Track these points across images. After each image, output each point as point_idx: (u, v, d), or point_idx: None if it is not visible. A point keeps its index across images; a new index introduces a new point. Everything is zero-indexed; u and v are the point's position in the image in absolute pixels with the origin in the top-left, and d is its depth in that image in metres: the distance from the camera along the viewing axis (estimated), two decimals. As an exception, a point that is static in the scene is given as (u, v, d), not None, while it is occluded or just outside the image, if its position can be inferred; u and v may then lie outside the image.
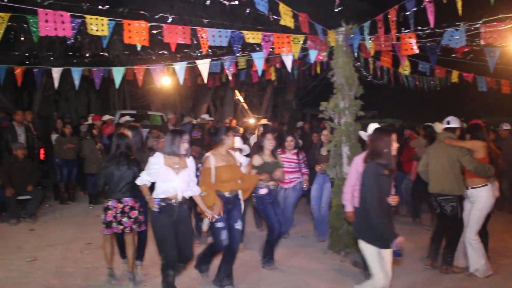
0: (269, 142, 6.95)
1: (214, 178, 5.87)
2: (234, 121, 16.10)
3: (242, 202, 6.24)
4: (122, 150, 6.08)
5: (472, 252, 6.59)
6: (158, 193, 5.48)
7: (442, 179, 6.71)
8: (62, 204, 11.47)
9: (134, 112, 17.41)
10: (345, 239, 7.46)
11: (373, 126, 5.98)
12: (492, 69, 7.98)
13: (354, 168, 6.14)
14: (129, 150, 6.17)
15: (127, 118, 13.11)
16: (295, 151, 8.34)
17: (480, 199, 6.53)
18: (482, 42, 6.69)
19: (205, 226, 6.01)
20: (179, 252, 5.52)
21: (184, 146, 5.53)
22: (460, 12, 5.58)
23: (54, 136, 11.93)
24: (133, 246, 6.25)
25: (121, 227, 6.03)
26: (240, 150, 7.17)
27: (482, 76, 10.31)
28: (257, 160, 6.96)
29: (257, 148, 7.10)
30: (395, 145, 4.71)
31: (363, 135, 6.34)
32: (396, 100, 28.22)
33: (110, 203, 6.04)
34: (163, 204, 5.45)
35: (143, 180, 5.59)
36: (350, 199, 6.20)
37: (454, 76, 10.26)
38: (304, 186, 8.29)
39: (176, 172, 5.48)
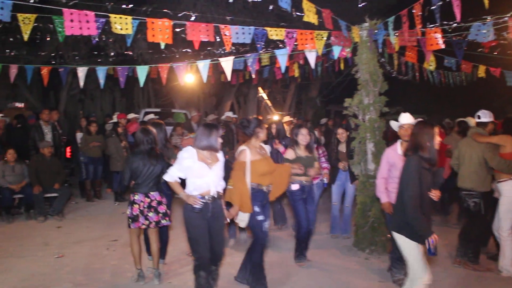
0: (303, 138, 6.80)
1: (250, 172, 5.66)
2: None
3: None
4: (149, 145, 6.09)
5: (508, 251, 6.46)
6: (191, 190, 5.22)
7: (467, 174, 6.68)
8: (88, 201, 11.63)
9: (158, 110, 17.52)
10: (369, 237, 7.40)
11: (405, 117, 5.95)
12: (520, 63, 7.84)
13: (385, 160, 6.15)
14: (155, 145, 6.20)
15: (152, 116, 13.19)
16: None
17: (504, 193, 6.45)
18: (510, 36, 6.56)
19: (242, 222, 5.69)
20: (210, 251, 5.28)
21: (220, 139, 5.30)
22: (486, 5, 5.46)
23: (79, 135, 12.10)
24: (158, 242, 6.25)
25: (147, 222, 6.01)
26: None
27: (510, 71, 10.12)
28: (290, 153, 6.86)
29: (292, 142, 7.00)
30: (437, 139, 4.58)
31: (395, 125, 6.22)
32: (421, 96, 27.87)
33: (137, 197, 6.02)
34: (203, 201, 5.17)
35: (173, 176, 5.27)
36: (384, 190, 6.16)
37: (481, 71, 10.07)
38: (325, 180, 8.04)
39: (209, 166, 5.22)
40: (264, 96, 24.06)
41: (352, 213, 8.18)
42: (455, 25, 7.05)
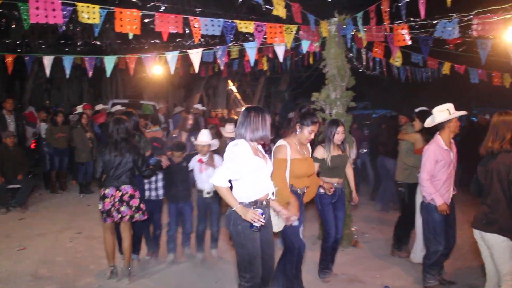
0: (338, 137, 5.98)
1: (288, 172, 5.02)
2: (225, 112, 16.12)
3: None
4: (121, 136, 5.86)
5: (418, 236, 6.76)
6: (250, 196, 4.24)
7: (398, 165, 7.22)
8: (52, 193, 11.46)
9: (126, 101, 17.33)
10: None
11: (439, 113, 5.59)
12: (484, 61, 8.00)
13: (433, 158, 5.49)
14: (129, 135, 5.96)
15: (119, 107, 13.06)
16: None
17: None
18: (474, 34, 6.69)
19: (277, 227, 4.79)
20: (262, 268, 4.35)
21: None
22: (449, 3, 5.56)
23: (43, 125, 11.89)
24: (130, 239, 6.05)
25: (120, 216, 5.82)
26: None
27: (474, 68, 10.33)
28: (320, 152, 6.02)
29: (326, 140, 6.12)
30: None
31: (441, 117, 5.58)
32: (389, 91, 28.25)
33: (108, 190, 5.83)
34: (260, 210, 4.16)
35: (222, 179, 4.14)
36: (436, 191, 5.50)
37: (446, 68, 10.27)
38: None
39: (266, 162, 4.40)
40: (234, 89, 24.08)
41: None
42: (421, 22, 7.15)
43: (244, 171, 4.16)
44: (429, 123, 5.76)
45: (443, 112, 5.53)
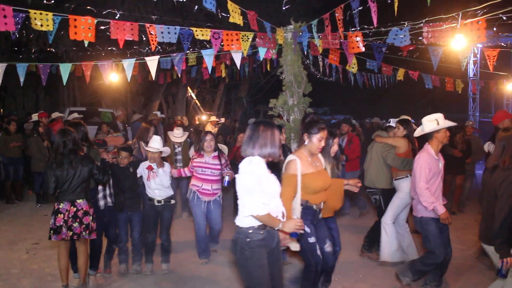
0: (334, 149, 5.54)
1: (300, 188, 4.68)
2: (185, 119, 16.09)
3: None
4: (70, 147, 5.54)
5: (385, 237, 6.87)
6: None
7: (369, 172, 7.18)
8: (8, 203, 11.16)
9: (84, 109, 17.11)
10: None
11: (428, 123, 5.57)
12: (436, 67, 8.26)
13: (427, 167, 5.41)
14: (77, 146, 5.67)
15: (76, 115, 12.87)
16: (215, 154, 6.94)
17: (401, 189, 6.79)
18: (425, 41, 6.91)
19: (293, 245, 4.55)
20: None
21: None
22: (395, 12, 5.73)
23: (-5, 134, 11.57)
24: (86, 255, 5.76)
25: (71, 233, 5.47)
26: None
27: (428, 74, 10.65)
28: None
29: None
30: None
31: (430, 127, 5.59)
32: (347, 97, 28.74)
33: (62, 205, 5.48)
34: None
35: (262, 206, 3.77)
36: (435, 199, 5.41)
37: (400, 74, 10.55)
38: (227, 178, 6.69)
39: (276, 179, 4.08)
40: (193, 95, 24.05)
41: None
42: (374, 29, 7.34)
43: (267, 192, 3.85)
44: (418, 132, 5.83)
45: (432, 122, 5.58)
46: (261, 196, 3.74)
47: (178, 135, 8.45)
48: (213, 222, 7.05)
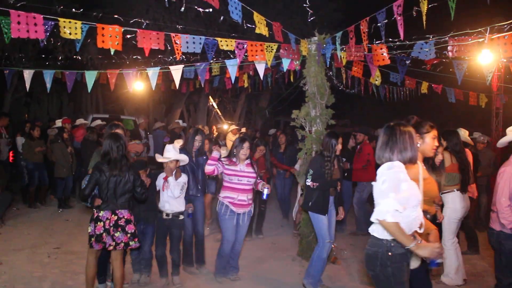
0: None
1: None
2: (206, 128, 16.14)
3: None
4: (121, 153, 5.36)
5: (446, 259, 6.61)
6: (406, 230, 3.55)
7: None
8: (30, 207, 11.30)
9: (107, 116, 17.26)
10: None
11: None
12: (460, 81, 8.19)
13: (508, 184, 5.09)
14: (127, 152, 5.54)
15: (99, 122, 13.02)
16: (248, 161, 6.67)
17: (446, 204, 6.59)
18: (450, 55, 6.87)
19: (413, 263, 3.94)
20: None
21: None
22: (424, 25, 5.69)
23: (19, 139, 11.73)
24: (122, 267, 5.56)
25: (114, 243, 5.29)
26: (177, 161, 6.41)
27: (451, 88, 10.57)
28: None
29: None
30: None
31: (503, 142, 5.53)
32: (368, 109, 28.58)
33: (102, 213, 5.30)
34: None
35: (394, 215, 3.44)
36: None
37: (424, 87, 10.49)
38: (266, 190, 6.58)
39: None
40: (214, 105, 24.16)
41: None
42: (399, 42, 7.32)
43: (406, 200, 3.54)
44: (502, 142, 5.62)
45: None
46: (395, 202, 3.43)
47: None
48: (241, 235, 6.67)
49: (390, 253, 3.53)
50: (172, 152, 6.32)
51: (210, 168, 6.41)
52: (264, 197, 6.64)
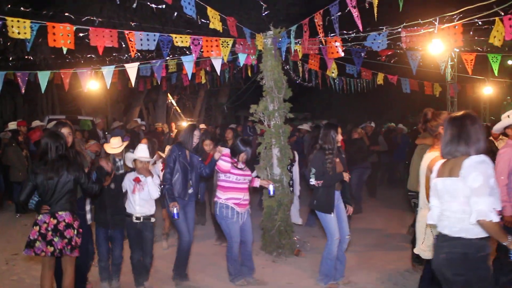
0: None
1: None
2: (166, 126, 16.08)
3: None
4: (60, 153, 4.98)
5: None
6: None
7: (411, 175, 6.73)
8: (-14, 214, 11.02)
9: (63, 117, 16.94)
10: (276, 240, 7.56)
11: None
12: (415, 71, 8.35)
13: (508, 164, 5.15)
14: (67, 151, 5.12)
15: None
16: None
17: None
18: (403, 46, 6.99)
19: None
20: None
21: None
22: (376, 17, 5.75)
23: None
24: (72, 276, 5.13)
25: (51, 248, 4.86)
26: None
27: (406, 78, 10.78)
28: None
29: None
30: None
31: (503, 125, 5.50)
32: (328, 102, 28.91)
33: (41, 217, 4.92)
34: None
35: (493, 211, 3.28)
36: (509, 199, 5.10)
37: (380, 78, 10.66)
38: (272, 187, 6.62)
39: None
40: (174, 102, 24.00)
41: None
42: (353, 34, 7.40)
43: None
44: (498, 128, 5.68)
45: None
46: (494, 200, 3.27)
47: (115, 145, 6.59)
48: (248, 234, 6.42)
49: (481, 254, 3.37)
50: (145, 152, 6.04)
51: (228, 166, 6.13)
52: (271, 193, 6.52)
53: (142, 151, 6.04)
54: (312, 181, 5.97)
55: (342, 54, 7.08)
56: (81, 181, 5.10)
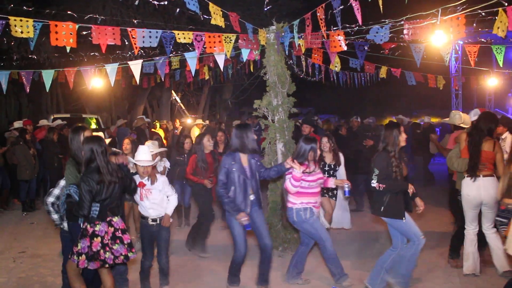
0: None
1: None
2: (170, 123, 16.06)
3: None
4: (106, 158, 4.74)
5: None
6: None
7: (458, 175, 6.56)
8: (-7, 212, 11.07)
9: (68, 115, 17.02)
10: (282, 235, 7.56)
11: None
12: (419, 63, 8.31)
13: None
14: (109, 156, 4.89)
15: (60, 122, 12.79)
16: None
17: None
18: (406, 38, 6.97)
19: None
20: None
21: None
22: (381, 9, 5.73)
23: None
24: (113, 284, 4.98)
25: (112, 256, 4.69)
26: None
27: (410, 71, 10.74)
28: None
29: None
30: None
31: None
32: (332, 96, 28.85)
33: (99, 227, 4.67)
34: None
35: None
36: None
37: (383, 72, 10.62)
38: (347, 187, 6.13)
39: None
40: (178, 99, 24.02)
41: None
42: (356, 28, 7.38)
43: None
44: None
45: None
46: None
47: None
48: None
49: None
50: (147, 155, 5.56)
51: (294, 190, 5.71)
52: (346, 194, 6.13)
53: (142, 154, 5.56)
54: (374, 183, 5.50)
55: (345, 48, 7.07)
56: (127, 183, 4.96)
